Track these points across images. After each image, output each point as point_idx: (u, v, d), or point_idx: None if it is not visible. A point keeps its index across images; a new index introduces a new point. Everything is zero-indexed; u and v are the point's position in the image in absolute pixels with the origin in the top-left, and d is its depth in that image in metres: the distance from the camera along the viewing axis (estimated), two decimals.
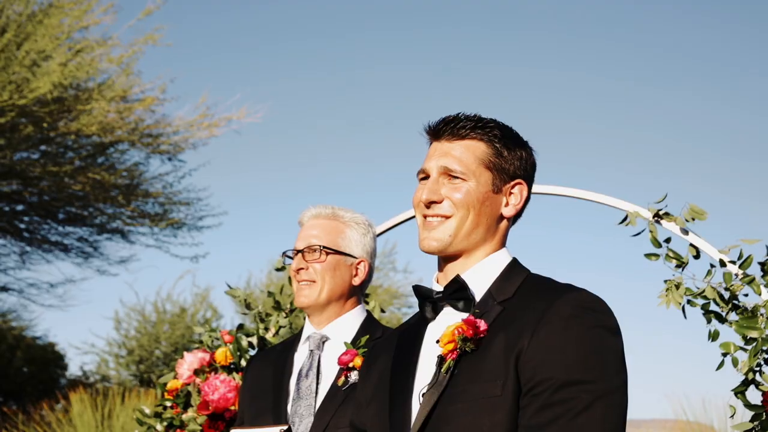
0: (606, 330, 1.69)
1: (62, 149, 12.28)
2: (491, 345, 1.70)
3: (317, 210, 2.64)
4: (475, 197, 1.82)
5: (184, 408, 3.23)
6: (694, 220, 3.02)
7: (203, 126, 12.86)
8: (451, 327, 1.73)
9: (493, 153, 1.85)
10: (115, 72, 11.81)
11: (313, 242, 2.57)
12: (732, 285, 2.90)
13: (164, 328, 18.12)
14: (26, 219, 13.62)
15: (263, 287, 18.18)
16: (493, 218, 1.85)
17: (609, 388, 1.63)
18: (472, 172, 1.83)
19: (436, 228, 1.83)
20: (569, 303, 1.69)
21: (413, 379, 1.80)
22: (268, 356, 2.68)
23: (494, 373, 1.68)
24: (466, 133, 1.85)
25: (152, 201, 13.36)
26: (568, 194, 3.31)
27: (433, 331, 1.84)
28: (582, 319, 1.67)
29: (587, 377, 1.62)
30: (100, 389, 10.98)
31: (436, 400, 1.70)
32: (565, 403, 1.61)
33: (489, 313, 1.76)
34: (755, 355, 2.75)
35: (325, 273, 2.54)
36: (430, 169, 1.86)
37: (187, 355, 3.24)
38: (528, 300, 1.75)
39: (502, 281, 1.82)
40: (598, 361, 1.64)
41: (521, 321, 1.71)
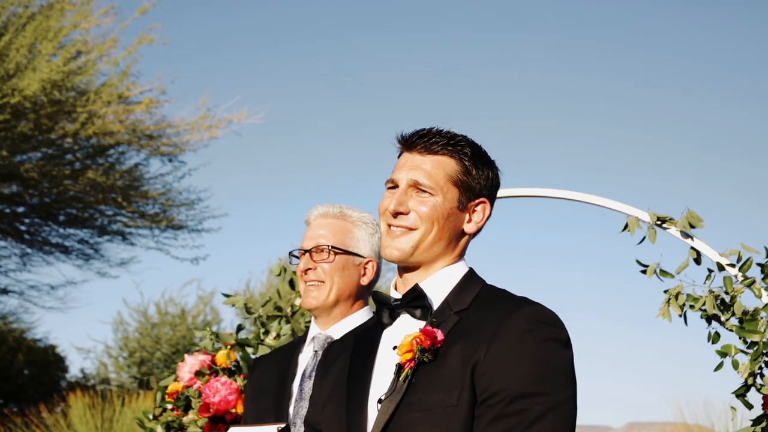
0: (558, 342, 1.75)
1: (62, 151, 12.29)
2: (448, 355, 1.76)
3: (325, 209, 2.61)
4: (441, 212, 1.87)
5: (185, 410, 3.23)
6: (692, 227, 3.03)
7: (204, 127, 12.87)
8: (409, 337, 1.77)
9: (462, 170, 1.89)
10: (112, 73, 11.82)
11: (321, 242, 2.54)
12: (732, 289, 2.91)
13: (165, 329, 18.13)
14: (27, 221, 13.63)
15: (264, 288, 18.19)
16: (455, 233, 1.90)
17: (560, 400, 1.70)
18: (440, 188, 1.87)
19: (399, 238, 1.88)
20: (525, 317, 1.75)
21: (369, 384, 1.85)
22: (273, 357, 2.67)
23: (451, 383, 1.73)
24: (438, 149, 1.89)
25: (152, 202, 13.37)
26: (569, 197, 3.31)
27: (390, 337, 1.88)
28: (536, 333, 1.73)
29: (540, 389, 1.69)
30: (99, 391, 10.97)
31: (394, 408, 1.75)
32: (518, 414, 1.67)
33: (446, 323, 1.81)
34: (756, 358, 2.76)
35: (333, 273, 2.52)
36: (399, 180, 1.90)
37: (188, 357, 3.24)
38: (484, 311, 1.81)
39: (459, 291, 1.87)
40: (550, 374, 1.71)
41: (477, 332, 1.77)
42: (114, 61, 11.60)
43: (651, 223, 3.10)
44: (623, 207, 3.18)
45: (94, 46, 11.55)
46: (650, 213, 3.11)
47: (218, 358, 3.22)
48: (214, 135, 12.92)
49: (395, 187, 1.92)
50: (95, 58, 11.47)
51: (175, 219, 13.57)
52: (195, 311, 18.38)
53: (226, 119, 12.90)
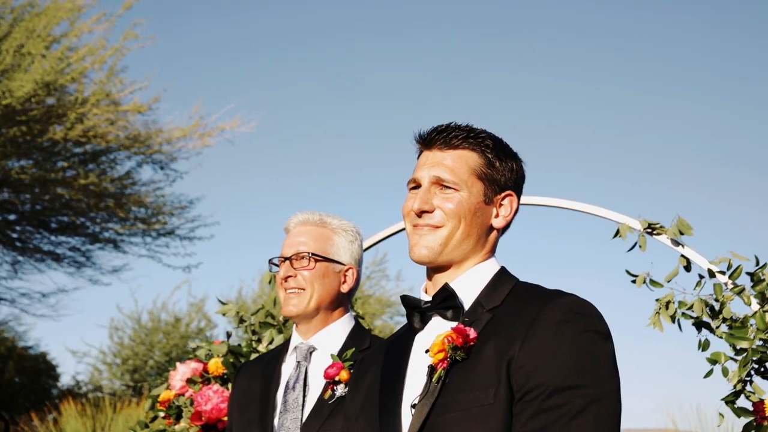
0: (597, 334, 1.67)
1: (53, 157, 12.26)
2: (482, 353, 1.69)
3: (304, 216, 2.60)
4: (467, 208, 1.81)
5: (177, 419, 3.23)
6: (682, 234, 3.05)
7: (196, 135, 12.87)
8: (440, 336, 1.71)
9: (485, 163, 1.83)
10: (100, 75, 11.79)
11: (301, 249, 2.52)
12: (722, 296, 2.93)
13: (159, 337, 18.08)
14: (18, 228, 13.59)
15: (255, 296, 18.16)
16: (483, 229, 1.84)
17: (602, 393, 1.61)
18: (464, 182, 1.81)
19: (426, 236, 1.81)
20: (559, 308, 1.68)
21: (402, 390, 1.78)
22: (256, 366, 2.65)
23: (486, 381, 1.66)
24: (459, 143, 1.83)
25: (144, 209, 13.36)
26: (560, 205, 3.33)
27: (422, 342, 1.82)
28: (573, 323, 1.66)
29: (580, 382, 1.61)
30: (92, 399, 10.92)
31: (428, 410, 1.68)
32: (558, 408, 1.59)
33: (478, 321, 1.74)
34: (745, 365, 2.77)
35: (314, 280, 2.51)
36: (421, 179, 1.84)
37: (179, 365, 3.24)
38: (517, 307, 1.74)
39: (491, 289, 1.80)
40: (590, 365, 1.63)
41: (511, 328, 1.69)
42: (101, 59, 11.57)
43: (642, 231, 3.12)
44: (614, 215, 3.20)
45: (84, 48, 11.54)
46: (641, 220, 3.13)
47: (210, 367, 3.22)
48: (207, 143, 12.92)
49: (417, 186, 1.85)
50: (83, 57, 11.45)
51: (167, 225, 13.56)
52: (188, 319, 18.35)
53: (219, 128, 12.91)
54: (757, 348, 2.78)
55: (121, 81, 11.95)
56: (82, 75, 11.47)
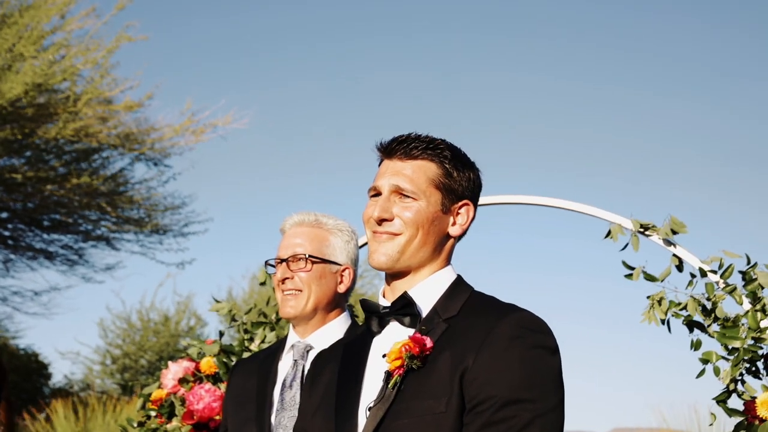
0: (546, 350, 1.76)
1: (45, 155, 12.22)
2: (437, 362, 1.77)
3: (300, 217, 2.61)
4: (425, 216, 1.88)
5: (169, 418, 3.22)
6: (675, 233, 3.06)
7: (189, 132, 12.84)
8: (398, 344, 1.78)
9: (443, 174, 1.90)
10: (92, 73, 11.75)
11: (297, 251, 2.53)
12: (714, 295, 2.93)
13: (149, 336, 18.04)
14: (10, 226, 13.54)
15: (246, 296, 18.14)
16: (440, 237, 1.91)
17: (547, 407, 1.71)
18: (423, 192, 1.88)
19: (385, 243, 1.88)
20: (512, 323, 1.77)
21: (359, 392, 1.85)
22: (251, 364, 2.65)
23: (439, 390, 1.74)
24: (418, 153, 1.90)
25: (137, 207, 13.32)
26: (552, 204, 3.33)
27: (379, 345, 1.89)
28: (524, 339, 1.75)
29: (528, 396, 1.70)
30: (84, 398, 10.90)
31: (383, 415, 1.76)
32: (506, 421, 1.68)
33: (434, 330, 1.82)
34: (737, 364, 2.78)
35: (311, 282, 2.52)
36: (381, 187, 1.91)
37: (171, 364, 3.24)
38: (472, 318, 1.82)
39: (447, 299, 1.88)
40: (538, 381, 1.72)
41: (466, 339, 1.77)
42: (93, 61, 11.54)
43: (633, 231, 3.12)
44: (606, 214, 3.21)
45: (75, 48, 11.50)
46: (633, 220, 3.13)
47: (202, 365, 3.21)
48: (201, 139, 12.90)
49: (378, 194, 1.92)
50: (74, 56, 11.41)
51: (160, 223, 13.53)
52: (177, 317, 18.31)
53: (211, 124, 12.88)
54: (749, 347, 2.78)
55: (113, 79, 11.92)
56: (73, 75, 11.43)
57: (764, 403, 2.71)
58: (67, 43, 11.46)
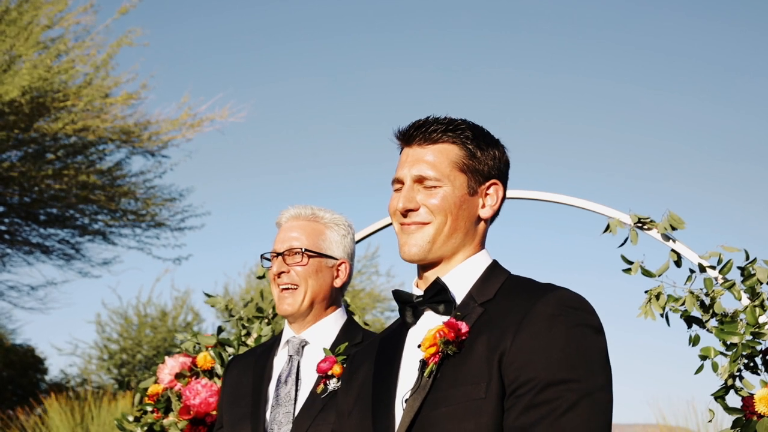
0: (589, 328, 1.66)
1: (42, 150, 12.19)
2: (474, 347, 1.68)
3: (296, 210, 2.58)
4: (452, 202, 1.80)
5: (165, 413, 3.21)
6: (674, 229, 3.05)
7: (186, 125, 12.81)
8: (432, 330, 1.70)
9: (467, 155, 1.82)
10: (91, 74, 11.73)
11: (294, 245, 2.50)
12: (712, 291, 2.93)
13: (146, 331, 18.03)
14: (6, 221, 13.51)
15: (242, 291, 18.13)
16: (470, 221, 1.83)
17: (593, 387, 1.61)
18: (447, 177, 1.81)
19: (414, 234, 1.81)
20: (551, 302, 1.67)
21: (395, 385, 1.78)
22: (247, 360, 2.63)
23: (478, 376, 1.65)
24: (438, 136, 1.82)
25: (133, 200, 13.30)
26: (550, 199, 3.32)
27: (414, 336, 1.81)
28: (564, 317, 1.65)
29: (571, 376, 1.60)
30: (79, 393, 10.89)
31: (419, 405, 1.68)
32: (549, 403, 1.58)
33: (470, 316, 1.73)
34: (735, 360, 2.77)
35: (307, 276, 2.49)
36: (404, 177, 1.83)
37: (168, 359, 3.23)
38: (509, 301, 1.73)
39: (483, 283, 1.79)
40: (581, 359, 1.62)
41: (503, 322, 1.68)
42: (93, 63, 11.53)
43: (632, 226, 3.12)
44: (604, 209, 3.20)
45: (73, 46, 11.47)
46: (631, 215, 3.12)
47: (199, 360, 3.20)
48: (198, 131, 12.87)
49: (401, 185, 1.85)
50: (74, 57, 11.39)
51: (157, 216, 13.51)
52: (174, 312, 18.30)
53: (208, 118, 12.86)
54: (747, 343, 2.78)
55: (109, 76, 11.90)
56: (72, 76, 11.40)
57: (762, 399, 2.70)
58: (67, 46, 11.42)
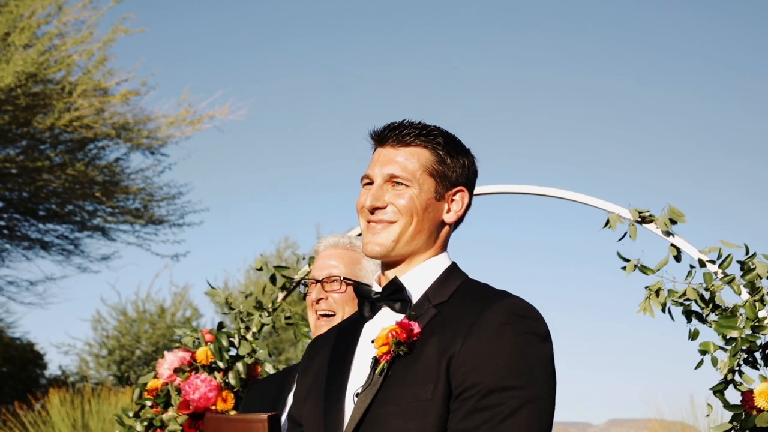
0: (536, 336, 1.73)
1: (41, 145, 12.18)
2: (424, 348, 1.75)
3: (335, 239, 2.69)
4: (418, 204, 1.86)
5: (165, 408, 3.21)
6: (674, 222, 3.05)
7: (185, 122, 12.80)
8: (385, 329, 1.77)
9: (437, 160, 1.88)
10: (88, 63, 11.70)
11: (333, 272, 2.61)
12: (712, 285, 2.93)
13: (145, 327, 18.03)
14: (5, 216, 13.50)
15: (241, 287, 18.13)
16: (434, 224, 1.89)
17: (536, 395, 1.68)
18: (416, 179, 1.87)
19: (379, 233, 1.87)
20: (501, 310, 1.74)
21: (347, 377, 1.85)
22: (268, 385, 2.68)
23: (426, 377, 1.72)
24: (411, 140, 1.88)
25: (132, 197, 13.29)
26: (550, 194, 3.32)
27: (370, 330, 1.88)
28: (513, 325, 1.72)
29: (515, 383, 1.67)
30: (78, 389, 10.90)
31: (369, 402, 1.74)
32: (492, 408, 1.65)
33: (424, 316, 1.80)
34: (735, 355, 2.77)
35: (345, 303, 2.59)
36: (374, 176, 1.89)
37: (167, 354, 3.23)
38: (462, 305, 1.80)
39: (440, 285, 1.86)
40: (526, 367, 1.69)
41: (454, 325, 1.75)
42: (89, 52, 11.49)
43: (632, 220, 3.11)
44: (604, 204, 3.20)
45: (69, 39, 11.45)
46: (631, 210, 3.12)
47: (198, 355, 3.20)
48: (197, 129, 12.86)
49: (371, 183, 1.91)
50: (70, 47, 11.36)
51: (156, 214, 13.50)
52: (173, 309, 18.29)
53: (208, 115, 12.84)
54: (747, 337, 2.78)
55: (109, 70, 11.87)
56: (69, 66, 11.37)
57: (762, 393, 2.70)
58: (63, 33, 11.41)
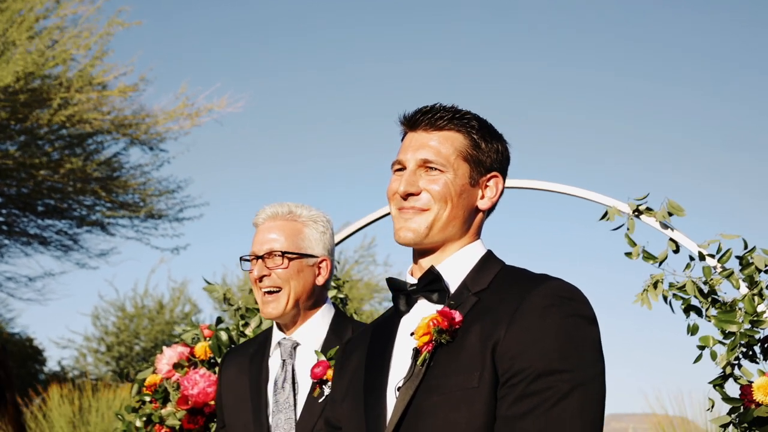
0: (582, 319, 1.67)
1: (39, 140, 12.16)
2: (467, 336, 1.69)
3: (273, 210, 2.53)
4: (453, 190, 1.80)
5: (163, 403, 3.21)
6: (671, 216, 3.05)
7: (184, 116, 12.77)
8: (426, 319, 1.71)
9: (471, 145, 1.83)
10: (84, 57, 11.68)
11: (273, 246, 2.46)
12: (711, 279, 2.92)
13: (143, 323, 18.03)
14: (4, 212, 13.49)
15: (240, 282, 18.12)
16: (469, 211, 1.83)
17: (586, 377, 1.62)
18: (450, 164, 1.80)
19: (412, 218, 1.80)
20: (545, 292, 1.68)
21: (387, 373, 1.79)
22: (242, 359, 2.59)
23: (471, 365, 1.66)
24: (444, 124, 1.82)
25: (131, 192, 13.27)
26: (549, 188, 3.32)
27: (407, 324, 1.82)
28: (558, 308, 1.66)
29: (564, 366, 1.61)
30: (78, 384, 10.90)
31: (412, 393, 1.68)
32: (542, 392, 1.60)
33: (464, 305, 1.74)
34: (733, 348, 2.78)
35: (289, 278, 2.45)
36: (407, 161, 1.83)
37: (166, 349, 3.23)
38: (503, 290, 1.74)
39: (477, 272, 1.80)
40: (575, 350, 1.63)
41: (497, 311, 1.69)
42: (86, 46, 11.46)
43: (630, 214, 3.11)
44: (603, 198, 3.19)
45: (67, 35, 11.42)
46: (630, 203, 3.12)
47: (197, 350, 3.20)
48: (196, 123, 12.83)
49: (402, 168, 1.84)
50: (67, 41, 11.33)
51: (155, 208, 13.49)
52: (171, 304, 18.29)
53: (206, 107, 12.81)
54: (746, 332, 2.78)
55: (107, 65, 11.85)
56: (66, 61, 11.35)
57: (760, 387, 2.70)
58: (61, 28, 11.39)
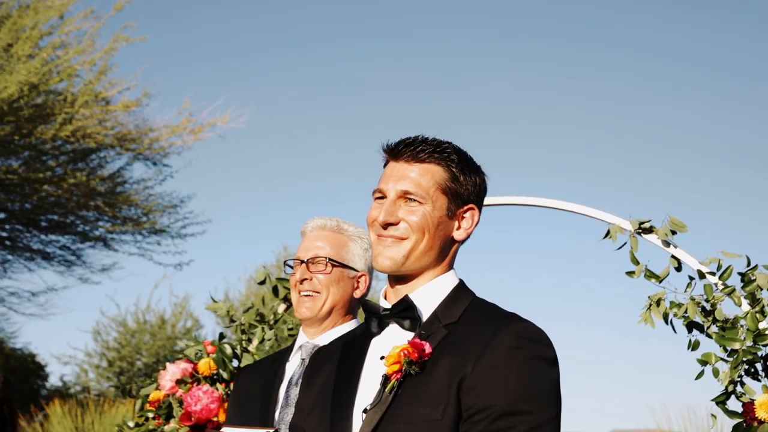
0: (545, 361, 1.76)
1: (43, 156, 12.20)
2: (435, 369, 1.76)
3: (322, 221, 2.66)
4: (431, 221, 1.87)
5: (166, 419, 3.21)
6: (675, 233, 3.05)
7: (187, 131, 12.82)
8: (397, 348, 1.78)
9: (450, 178, 1.89)
10: (89, 73, 11.73)
11: (319, 253, 2.58)
12: (713, 297, 2.93)
13: (145, 338, 18.01)
14: (8, 227, 13.51)
15: (242, 297, 18.11)
16: (445, 241, 1.90)
17: (544, 419, 1.71)
18: (430, 196, 1.87)
19: (390, 247, 1.87)
20: (513, 334, 1.76)
21: (355, 393, 1.85)
22: (258, 367, 2.69)
23: (436, 397, 1.74)
24: (425, 156, 1.89)
25: (134, 207, 13.30)
26: (551, 206, 3.32)
27: (377, 347, 1.88)
28: (524, 350, 1.74)
29: (525, 408, 1.70)
30: (80, 400, 10.88)
31: (378, 419, 1.75)
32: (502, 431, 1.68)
33: (434, 336, 1.81)
34: (737, 366, 2.78)
35: (329, 284, 2.56)
36: (387, 191, 1.90)
37: (169, 366, 3.23)
38: (473, 326, 1.81)
39: (448, 304, 1.87)
40: (535, 392, 1.72)
41: (466, 347, 1.77)
42: (91, 62, 11.53)
43: (632, 231, 3.12)
44: (605, 215, 3.20)
45: (71, 48, 11.49)
46: (632, 220, 3.12)
47: (200, 367, 3.20)
48: (199, 138, 12.87)
49: (383, 197, 1.91)
50: (72, 57, 11.40)
51: (158, 223, 13.51)
52: (173, 319, 18.27)
53: (209, 123, 12.86)
54: (748, 349, 2.78)
55: (110, 80, 11.91)
56: (71, 76, 11.41)
57: (763, 404, 2.70)
58: (65, 43, 11.46)
